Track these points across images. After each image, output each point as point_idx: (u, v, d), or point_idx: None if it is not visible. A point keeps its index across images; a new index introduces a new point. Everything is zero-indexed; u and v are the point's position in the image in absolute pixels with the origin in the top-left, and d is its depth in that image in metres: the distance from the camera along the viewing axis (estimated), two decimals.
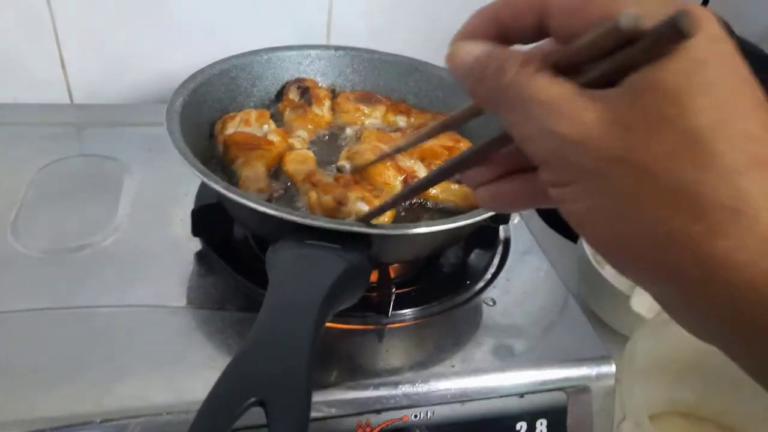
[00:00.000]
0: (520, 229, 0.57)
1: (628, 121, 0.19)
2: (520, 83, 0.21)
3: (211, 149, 0.50)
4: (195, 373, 0.39)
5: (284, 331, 0.26)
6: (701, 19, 0.19)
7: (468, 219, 0.38)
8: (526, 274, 0.52)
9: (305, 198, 0.43)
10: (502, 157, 0.27)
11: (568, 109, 0.20)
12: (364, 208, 0.40)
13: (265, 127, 0.50)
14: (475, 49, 0.23)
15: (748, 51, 0.65)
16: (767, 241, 0.18)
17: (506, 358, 0.43)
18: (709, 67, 0.19)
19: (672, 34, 0.18)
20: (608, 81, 0.20)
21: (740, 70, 0.20)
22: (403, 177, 0.46)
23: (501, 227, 0.56)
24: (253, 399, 0.22)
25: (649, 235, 0.20)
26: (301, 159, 0.47)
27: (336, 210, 0.41)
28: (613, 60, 0.19)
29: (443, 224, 0.37)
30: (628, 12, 0.18)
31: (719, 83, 0.19)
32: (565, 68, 0.21)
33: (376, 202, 0.41)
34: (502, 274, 0.51)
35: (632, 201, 0.20)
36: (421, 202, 0.49)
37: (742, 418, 0.57)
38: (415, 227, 0.37)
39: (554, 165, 0.21)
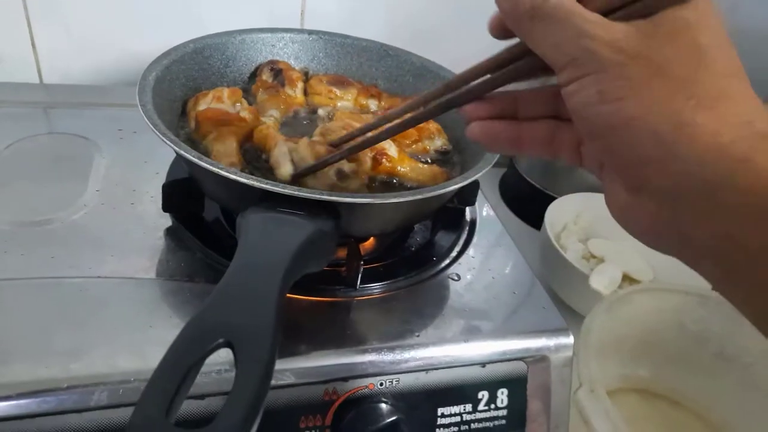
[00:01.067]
0: (486, 210, 0.59)
1: (650, 33, 0.25)
2: (564, 4, 0.26)
3: (183, 126, 0.51)
4: (162, 341, 0.38)
5: (252, 286, 0.27)
6: None
7: (432, 191, 0.40)
8: (490, 253, 0.53)
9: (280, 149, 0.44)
10: (502, 101, 0.33)
11: (600, 21, 0.26)
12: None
13: (238, 105, 0.51)
14: None
15: None
16: (735, 121, 0.24)
17: (469, 330, 0.45)
18: (711, 15, 0.26)
19: None
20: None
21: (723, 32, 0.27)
22: (372, 153, 0.47)
23: (467, 209, 0.58)
24: (221, 339, 0.23)
25: (651, 112, 0.25)
26: (268, 133, 0.47)
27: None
28: (643, 3, 0.25)
29: (407, 195, 0.38)
30: None
31: (716, 26, 0.26)
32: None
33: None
34: (467, 253, 0.53)
35: (644, 85, 0.25)
36: (387, 180, 0.50)
37: (692, 394, 0.60)
38: (381, 197, 0.38)
39: (582, 61, 0.26)
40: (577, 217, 0.72)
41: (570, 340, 0.47)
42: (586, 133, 0.28)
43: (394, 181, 0.50)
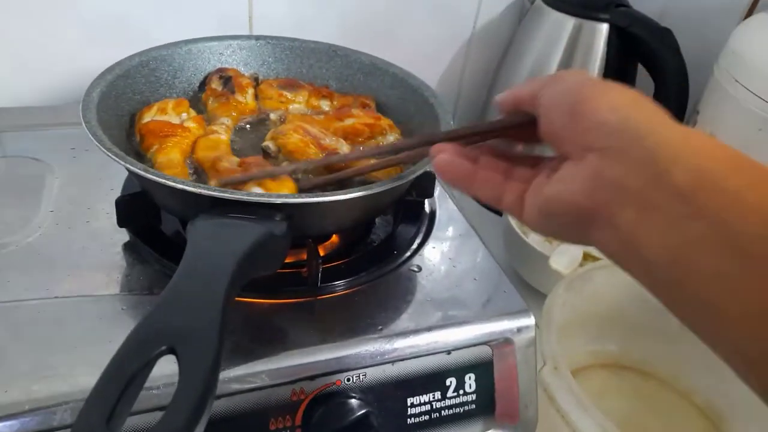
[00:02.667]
0: (444, 201, 0.60)
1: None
2: None
3: (132, 141, 0.51)
4: None
5: (196, 290, 0.27)
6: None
7: (380, 187, 0.40)
8: (450, 242, 0.54)
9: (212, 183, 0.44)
10: (470, 148, 0.36)
11: None
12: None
13: (183, 115, 0.50)
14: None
15: (643, 22, 0.69)
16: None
17: (432, 319, 0.46)
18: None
19: None
20: None
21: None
22: (324, 154, 0.48)
23: (426, 201, 0.58)
24: (164, 347, 0.23)
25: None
26: (211, 145, 0.47)
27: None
28: None
29: (355, 192, 0.39)
30: None
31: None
32: None
33: (272, 187, 0.42)
34: (427, 244, 0.53)
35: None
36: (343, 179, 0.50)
37: (660, 364, 0.62)
38: (328, 195, 0.38)
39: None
40: None
41: (532, 321, 0.48)
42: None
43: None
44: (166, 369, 0.27)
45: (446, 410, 0.46)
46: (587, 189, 0.28)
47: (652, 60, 0.70)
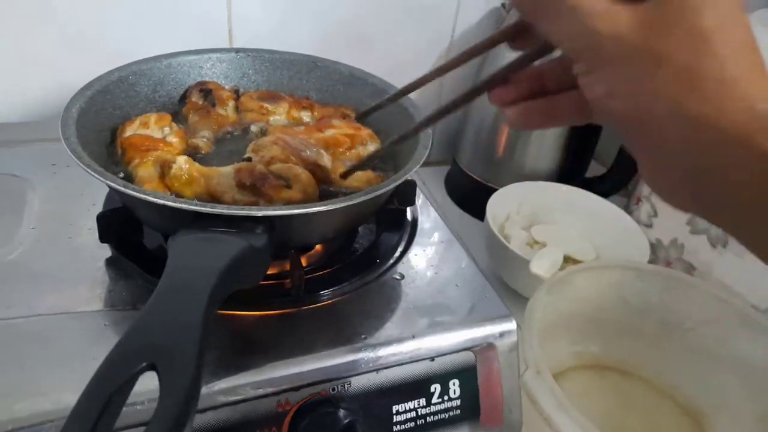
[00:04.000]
0: (426, 208, 0.61)
1: (651, 22, 0.26)
2: None
3: (113, 156, 0.51)
4: None
5: (176, 306, 0.28)
6: None
7: (359, 197, 0.41)
8: (432, 249, 0.55)
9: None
10: (528, 81, 0.34)
11: (605, 12, 0.26)
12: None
13: (166, 129, 0.51)
14: None
15: None
16: (737, 106, 0.25)
17: (415, 326, 0.46)
18: None
19: None
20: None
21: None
22: (305, 166, 0.48)
23: (408, 209, 0.59)
24: (144, 363, 0.24)
25: (657, 106, 0.26)
26: (185, 181, 0.45)
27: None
28: None
29: (336, 203, 0.39)
30: None
31: (721, 4, 0.25)
32: None
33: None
34: (410, 251, 0.54)
35: (648, 78, 0.26)
36: (325, 190, 0.51)
37: (641, 363, 0.63)
38: (308, 206, 0.39)
39: (589, 56, 0.27)
40: (520, 206, 0.74)
41: (514, 325, 0.48)
42: (604, 123, 0.30)
43: (331, 189, 0.51)
44: (150, 384, 0.27)
45: (431, 416, 0.46)
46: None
47: None
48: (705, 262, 0.67)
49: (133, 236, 0.49)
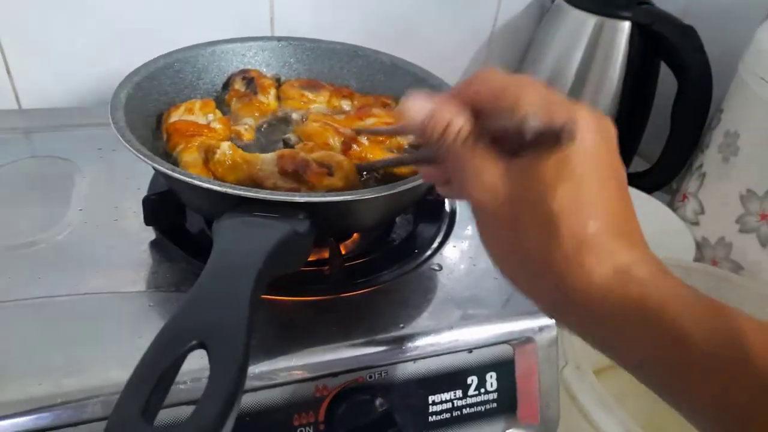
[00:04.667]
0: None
1: (517, 199, 0.28)
2: (458, 150, 0.30)
3: (159, 141, 0.52)
4: None
5: (224, 288, 0.28)
6: (580, 130, 0.27)
7: (401, 186, 0.40)
8: (470, 241, 0.54)
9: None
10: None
11: (486, 183, 0.29)
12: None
13: (210, 116, 0.51)
14: (423, 110, 0.31)
15: (666, 20, 0.69)
16: (580, 276, 0.28)
17: (453, 317, 0.46)
18: (570, 164, 0.27)
19: (554, 140, 0.26)
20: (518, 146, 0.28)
21: (602, 161, 0.28)
22: (342, 140, 0.48)
23: (447, 200, 0.59)
24: (194, 341, 0.24)
25: (522, 272, 0.31)
26: (229, 167, 0.44)
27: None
28: (520, 140, 0.28)
29: (376, 192, 0.39)
30: (531, 121, 0.27)
31: (577, 176, 0.27)
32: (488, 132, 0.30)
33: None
34: (448, 243, 0.54)
35: (516, 245, 0.29)
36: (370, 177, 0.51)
37: None
38: (350, 194, 0.39)
39: (473, 211, 0.32)
40: None
41: (553, 320, 0.47)
42: None
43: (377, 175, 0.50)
44: (193, 365, 0.28)
45: (467, 408, 0.46)
46: None
47: (675, 58, 0.69)
48: (753, 262, 0.65)
49: (176, 220, 0.50)
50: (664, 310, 0.26)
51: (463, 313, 0.46)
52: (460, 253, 0.53)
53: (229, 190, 0.37)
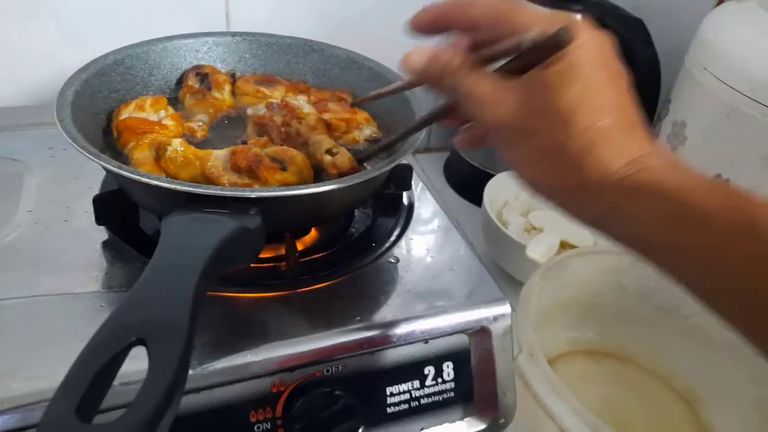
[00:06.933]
0: (423, 193, 0.60)
1: (526, 107, 0.30)
2: (459, 80, 0.32)
3: (108, 139, 0.51)
4: None
5: (167, 284, 0.28)
6: (576, 32, 0.29)
7: (351, 180, 0.41)
8: (428, 233, 0.55)
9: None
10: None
11: (491, 101, 0.31)
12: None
13: (161, 112, 0.51)
14: (422, 57, 0.34)
15: (614, 12, 0.70)
16: (597, 169, 0.29)
17: (409, 309, 0.46)
18: (574, 68, 0.29)
19: (553, 46, 0.28)
20: (521, 69, 0.30)
21: (604, 65, 0.30)
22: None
23: (405, 194, 0.59)
24: (134, 338, 0.24)
25: (543, 174, 0.32)
26: (180, 164, 0.44)
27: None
28: (522, 58, 0.30)
29: (323, 186, 0.39)
30: (527, 36, 0.29)
31: (582, 78, 0.29)
32: (490, 60, 0.32)
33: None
34: (405, 235, 0.54)
35: (534, 152, 0.31)
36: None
37: (639, 349, 0.63)
38: (296, 189, 0.39)
39: (489, 135, 0.33)
40: (517, 191, 0.74)
41: (508, 309, 0.48)
42: None
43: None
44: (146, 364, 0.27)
45: (425, 398, 0.46)
46: None
47: (624, 50, 0.71)
48: None
49: (129, 219, 0.50)
50: (681, 192, 0.28)
51: (420, 305, 0.47)
52: (419, 246, 0.53)
53: (177, 187, 0.36)
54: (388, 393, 0.45)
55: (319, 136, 0.49)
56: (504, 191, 0.73)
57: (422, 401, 0.46)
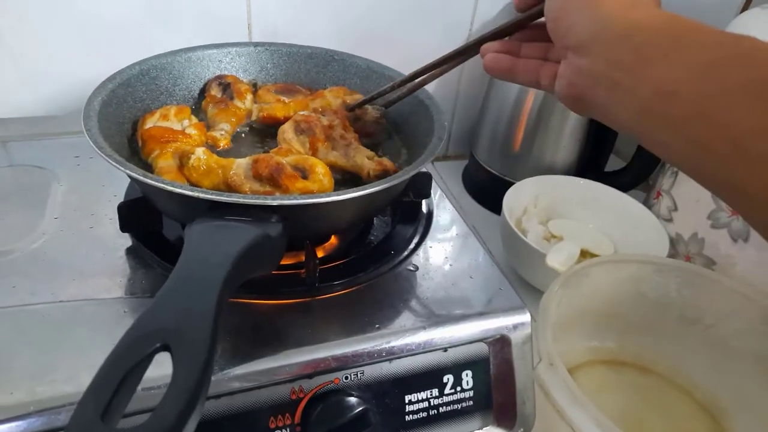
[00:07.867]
0: (442, 201, 0.61)
1: None
2: None
3: (134, 148, 0.52)
4: None
5: (190, 292, 0.28)
6: None
7: (370, 188, 0.41)
8: (446, 241, 0.55)
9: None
10: (510, 43, 0.45)
11: None
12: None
13: (185, 122, 0.52)
14: None
15: None
16: (630, 15, 0.34)
17: (428, 317, 0.46)
18: None
19: None
20: None
21: None
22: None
23: (424, 202, 0.59)
24: (158, 344, 0.24)
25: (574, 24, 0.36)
26: (204, 172, 0.46)
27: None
28: None
29: (344, 194, 0.39)
30: None
31: None
32: None
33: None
34: (424, 243, 0.54)
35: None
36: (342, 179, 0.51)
37: (659, 359, 0.62)
38: (318, 197, 0.39)
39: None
40: (536, 199, 0.73)
41: (528, 317, 0.48)
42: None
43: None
44: (169, 369, 0.28)
45: (444, 407, 0.46)
46: (570, 81, 0.36)
47: None
48: (726, 256, 0.66)
49: (152, 226, 0.50)
50: (697, 29, 0.31)
51: (438, 313, 0.47)
52: (437, 254, 0.53)
53: (200, 195, 0.37)
54: (406, 401, 0.45)
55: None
56: (523, 199, 0.72)
57: (441, 409, 0.46)
